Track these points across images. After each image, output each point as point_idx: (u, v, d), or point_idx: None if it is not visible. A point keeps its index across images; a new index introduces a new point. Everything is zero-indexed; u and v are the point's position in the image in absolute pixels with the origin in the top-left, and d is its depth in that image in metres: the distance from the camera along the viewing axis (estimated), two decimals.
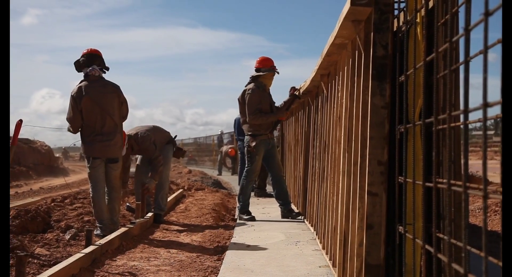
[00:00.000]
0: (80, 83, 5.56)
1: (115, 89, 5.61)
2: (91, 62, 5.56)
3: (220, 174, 20.22)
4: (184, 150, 7.64)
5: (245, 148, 6.93)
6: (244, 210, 6.81)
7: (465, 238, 1.28)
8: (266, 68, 6.90)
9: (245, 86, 6.92)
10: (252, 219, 6.66)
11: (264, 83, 6.88)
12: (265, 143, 6.83)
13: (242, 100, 6.87)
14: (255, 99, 6.74)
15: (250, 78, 6.94)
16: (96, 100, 5.47)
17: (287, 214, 6.80)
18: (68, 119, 5.55)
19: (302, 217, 6.65)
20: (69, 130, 5.63)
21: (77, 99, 5.46)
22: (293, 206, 7.27)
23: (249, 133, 6.82)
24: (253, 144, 6.74)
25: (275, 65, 6.96)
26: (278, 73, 6.95)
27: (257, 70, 6.92)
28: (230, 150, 19.71)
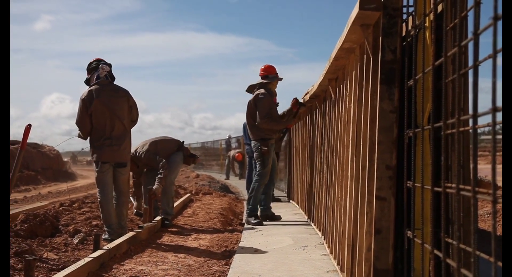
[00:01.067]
0: (90, 86, 5.57)
1: (124, 94, 5.63)
2: (97, 67, 5.59)
3: (227, 178, 20.22)
4: (196, 156, 7.58)
5: (255, 153, 6.99)
6: (253, 213, 6.84)
7: (474, 243, 1.28)
8: (272, 75, 7.12)
9: (254, 91, 7.04)
10: (260, 223, 6.68)
11: (272, 89, 7.05)
12: (272, 146, 7.04)
13: (254, 104, 6.97)
14: (267, 104, 6.88)
15: (258, 84, 7.06)
16: (107, 104, 5.48)
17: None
18: (78, 123, 5.54)
19: (309, 222, 6.63)
20: (79, 136, 5.63)
21: (87, 102, 5.47)
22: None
23: (259, 137, 6.92)
24: (265, 148, 6.85)
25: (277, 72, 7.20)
26: (281, 80, 7.17)
27: (264, 77, 7.11)
28: (237, 154, 19.70)
